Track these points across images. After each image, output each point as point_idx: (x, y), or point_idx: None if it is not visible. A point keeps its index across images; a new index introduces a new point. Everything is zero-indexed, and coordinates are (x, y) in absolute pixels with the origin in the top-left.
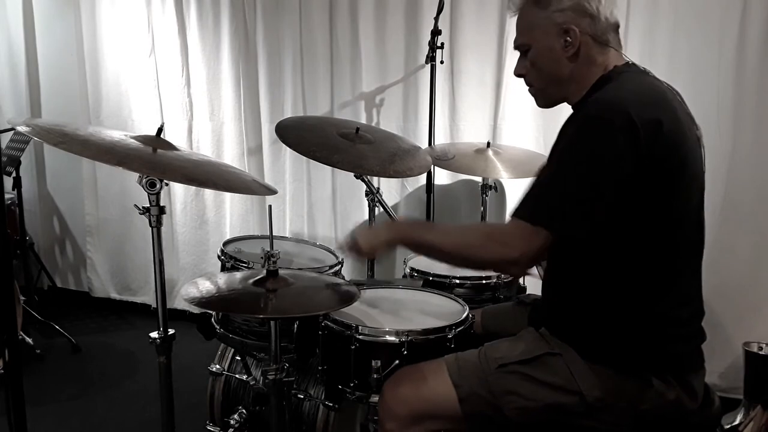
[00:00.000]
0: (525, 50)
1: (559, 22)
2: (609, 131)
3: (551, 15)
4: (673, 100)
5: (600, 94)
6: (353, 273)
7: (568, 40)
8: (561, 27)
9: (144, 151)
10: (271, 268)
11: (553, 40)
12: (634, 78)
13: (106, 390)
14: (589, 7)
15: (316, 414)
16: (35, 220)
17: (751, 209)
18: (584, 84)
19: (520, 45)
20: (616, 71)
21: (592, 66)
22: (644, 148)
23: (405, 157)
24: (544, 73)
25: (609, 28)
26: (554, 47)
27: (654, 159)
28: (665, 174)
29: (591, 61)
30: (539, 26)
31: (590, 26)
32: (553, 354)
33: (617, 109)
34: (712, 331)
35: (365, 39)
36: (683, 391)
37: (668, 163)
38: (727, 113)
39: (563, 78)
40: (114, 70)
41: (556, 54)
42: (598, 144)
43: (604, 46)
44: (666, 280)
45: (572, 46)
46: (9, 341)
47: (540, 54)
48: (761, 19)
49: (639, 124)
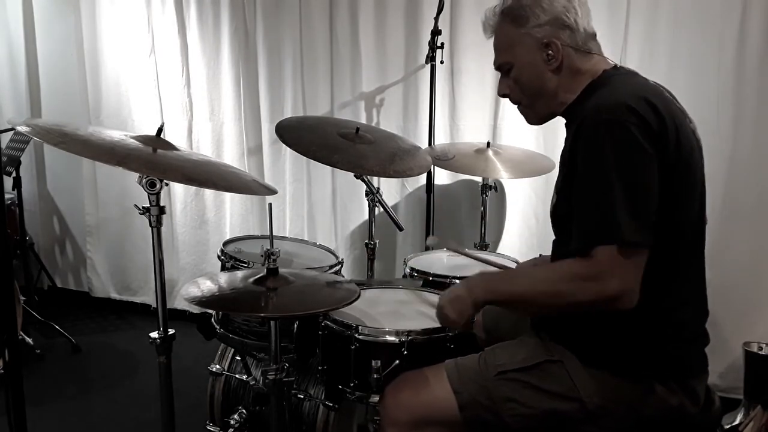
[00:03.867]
0: (507, 69)
1: (539, 37)
2: (627, 130)
3: (531, 31)
4: (665, 94)
5: (599, 101)
6: (353, 273)
7: (551, 53)
8: (541, 42)
9: (144, 151)
10: (271, 266)
11: (535, 55)
12: (626, 80)
13: (106, 390)
14: (567, 19)
15: (316, 414)
16: (35, 220)
17: (751, 209)
18: (571, 92)
19: (502, 64)
20: (606, 75)
21: (577, 75)
22: (657, 144)
23: (405, 157)
24: (530, 88)
25: (588, 38)
26: (537, 62)
27: (662, 151)
28: (669, 170)
29: (575, 70)
30: (519, 43)
31: (570, 38)
32: (554, 361)
33: (625, 109)
34: (712, 331)
35: (365, 39)
36: (686, 397)
37: (672, 159)
38: (727, 114)
39: (549, 91)
40: (114, 70)
41: (540, 69)
42: (623, 144)
43: (587, 53)
44: (668, 283)
45: (555, 59)
46: (9, 341)
47: (523, 70)
48: (761, 19)
49: (646, 117)
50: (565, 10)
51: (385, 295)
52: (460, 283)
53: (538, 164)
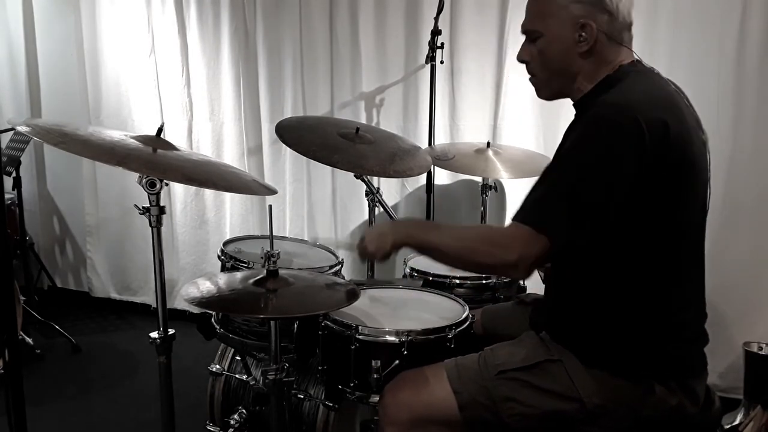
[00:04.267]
0: (534, 37)
1: (576, 14)
2: (615, 134)
3: (569, 6)
4: (681, 102)
5: (608, 96)
6: (353, 273)
7: (583, 35)
8: (578, 20)
9: (144, 151)
10: (271, 268)
11: (568, 32)
12: (642, 79)
13: (106, 390)
14: (609, 3)
15: (316, 414)
16: (35, 220)
17: (751, 209)
18: (590, 81)
19: (531, 31)
20: (623, 70)
21: (601, 64)
22: (650, 152)
23: (405, 157)
24: (552, 64)
25: (624, 27)
26: (567, 40)
27: (660, 163)
28: (671, 178)
29: (602, 59)
30: (555, 15)
31: (608, 23)
32: (553, 360)
33: (625, 112)
34: (712, 331)
35: (365, 39)
36: (685, 397)
37: (674, 168)
38: (727, 114)
39: (570, 72)
40: (114, 70)
41: (568, 47)
42: (603, 147)
43: (618, 44)
44: (668, 285)
45: (586, 42)
46: (9, 341)
47: (551, 44)
48: (761, 19)
49: (646, 128)
50: None
51: (385, 295)
52: (389, 222)
53: (538, 164)
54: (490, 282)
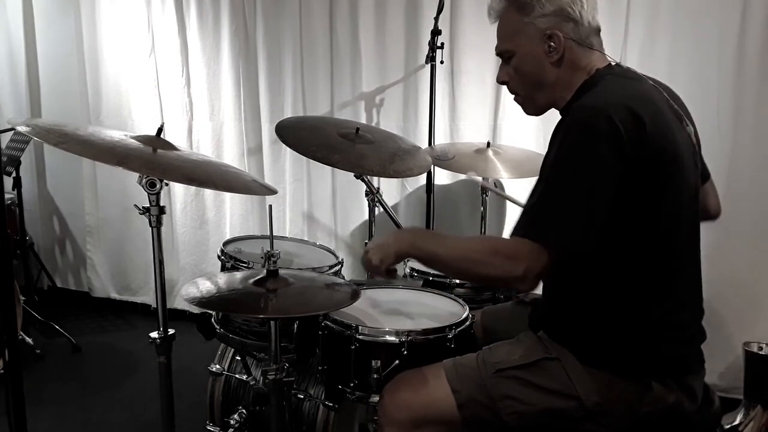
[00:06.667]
0: (508, 57)
1: (542, 27)
2: (591, 137)
3: (534, 21)
4: (658, 99)
5: (582, 101)
6: (353, 273)
7: (552, 45)
8: (545, 32)
9: (144, 151)
10: (272, 268)
11: (537, 45)
12: (616, 80)
13: (106, 390)
14: (572, 12)
15: (316, 414)
16: (35, 220)
17: (751, 209)
18: (570, 88)
19: (503, 52)
20: (599, 74)
21: (576, 70)
22: (629, 151)
23: (405, 157)
24: (529, 79)
25: (592, 32)
26: (538, 53)
27: (640, 160)
28: (654, 172)
29: (575, 65)
30: (523, 32)
31: (573, 31)
32: (551, 359)
33: (598, 114)
34: (712, 331)
35: (365, 39)
36: (683, 394)
37: (656, 162)
38: (727, 114)
39: (548, 83)
40: (114, 70)
41: (540, 60)
42: (582, 151)
43: (588, 49)
44: (664, 283)
45: (556, 52)
46: (9, 341)
47: (524, 60)
48: (761, 18)
49: (621, 126)
50: (570, 2)
51: (385, 295)
52: (392, 232)
53: (538, 164)
54: None
